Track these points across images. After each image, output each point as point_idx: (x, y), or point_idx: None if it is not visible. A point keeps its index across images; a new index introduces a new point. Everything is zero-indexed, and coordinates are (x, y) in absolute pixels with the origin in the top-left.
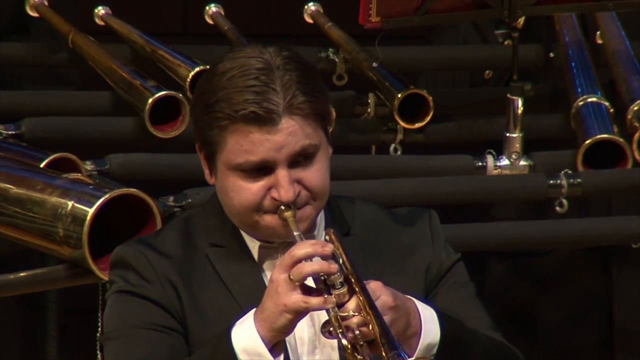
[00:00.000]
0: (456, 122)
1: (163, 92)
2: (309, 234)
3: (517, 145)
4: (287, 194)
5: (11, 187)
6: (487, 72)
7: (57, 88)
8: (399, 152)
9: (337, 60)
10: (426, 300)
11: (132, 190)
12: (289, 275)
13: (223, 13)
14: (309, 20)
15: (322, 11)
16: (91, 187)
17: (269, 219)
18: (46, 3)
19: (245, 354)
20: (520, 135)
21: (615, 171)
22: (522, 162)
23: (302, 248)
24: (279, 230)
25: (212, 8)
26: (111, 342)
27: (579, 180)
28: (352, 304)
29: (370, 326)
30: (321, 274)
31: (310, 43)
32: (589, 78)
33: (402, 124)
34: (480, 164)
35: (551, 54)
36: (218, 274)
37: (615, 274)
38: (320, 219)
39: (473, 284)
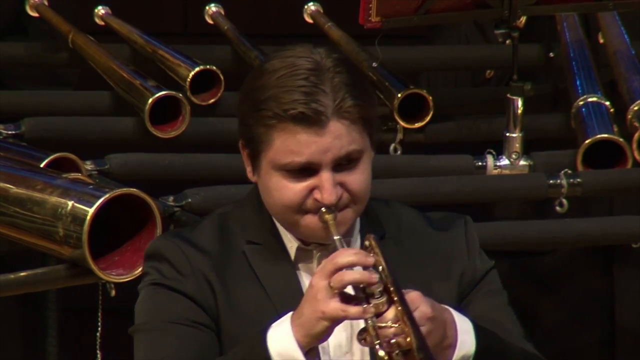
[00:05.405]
0: (456, 122)
1: (163, 92)
2: (346, 237)
3: (517, 145)
4: (330, 197)
5: (11, 187)
6: (489, 71)
7: (56, 88)
8: (399, 152)
9: None
10: (461, 309)
11: (132, 190)
12: (329, 283)
13: (223, 13)
14: (309, 20)
15: (322, 11)
16: (91, 187)
17: (310, 220)
18: (46, 3)
19: (280, 358)
20: (520, 135)
21: (615, 171)
22: (522, 162)
23: (345, 256)
24: (318, 232)
25: (212, 8)
26: (141, 334)
27: (579, 180)
28: (390, 313)
29: (407, 337)
30: (361, 283)
31: (310, 43)
32: (590, 78)
33: (402, 123)
34: (480, 163)
35: (551, 54)
36: (254, 272)
37: (617, 274)
38: (356, 222)
39: (506, 292)
